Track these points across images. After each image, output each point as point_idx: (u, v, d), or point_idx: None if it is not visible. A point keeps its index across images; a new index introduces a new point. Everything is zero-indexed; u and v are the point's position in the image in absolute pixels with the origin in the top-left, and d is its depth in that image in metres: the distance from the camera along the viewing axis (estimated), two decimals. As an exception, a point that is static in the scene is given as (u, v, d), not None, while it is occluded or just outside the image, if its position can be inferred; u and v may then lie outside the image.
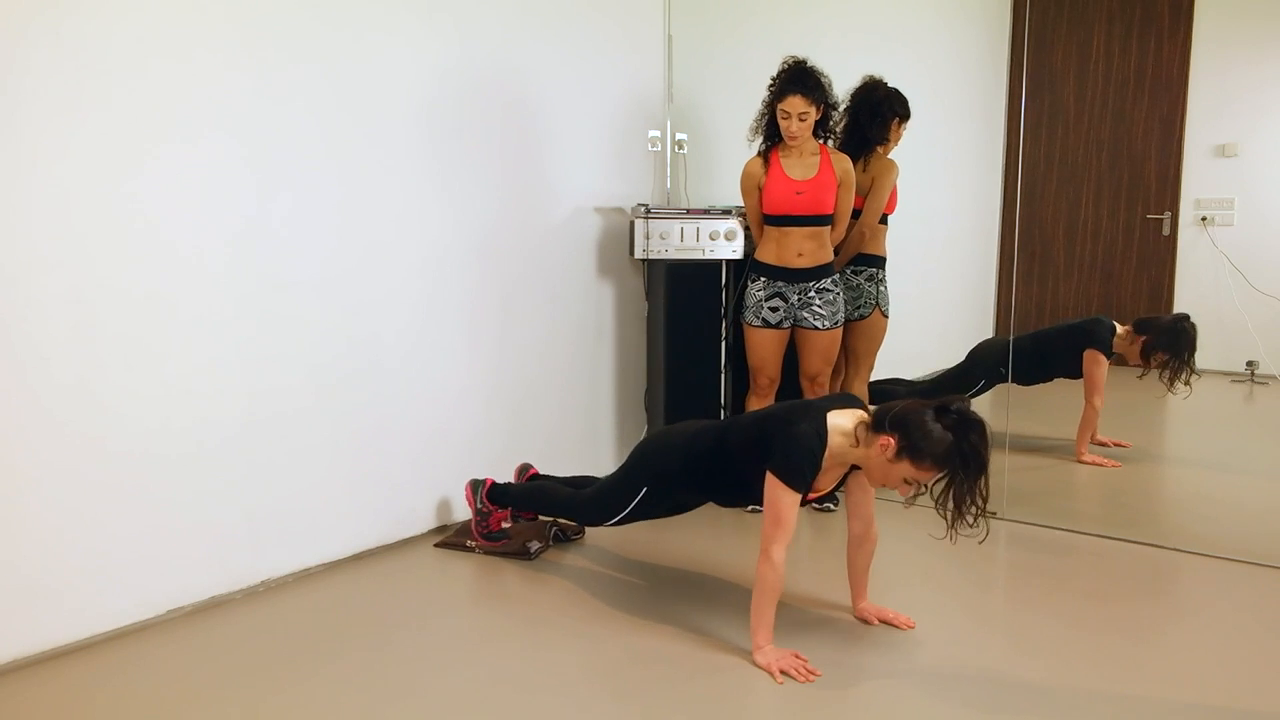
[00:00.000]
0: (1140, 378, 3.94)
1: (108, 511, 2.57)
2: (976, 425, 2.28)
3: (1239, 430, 4.16)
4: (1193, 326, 3.94)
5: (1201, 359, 4.04)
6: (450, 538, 3.34)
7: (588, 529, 3.40)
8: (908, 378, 4.31)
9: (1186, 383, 3.87)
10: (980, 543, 2.32)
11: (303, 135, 2.93)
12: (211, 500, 2.79)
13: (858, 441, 2.41)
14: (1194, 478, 4.14)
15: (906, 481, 2.37)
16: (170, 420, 2.68)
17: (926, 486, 2.37)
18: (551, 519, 3.32)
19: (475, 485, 3.29)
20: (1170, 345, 3.94)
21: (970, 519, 2.29)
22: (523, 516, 3.37)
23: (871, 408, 2.49)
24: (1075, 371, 4.09)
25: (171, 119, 2.62)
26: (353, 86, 3.05)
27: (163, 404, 2.66)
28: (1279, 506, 3.69)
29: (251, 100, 2.80)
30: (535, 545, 3.22)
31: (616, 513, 2.87)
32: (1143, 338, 4.01)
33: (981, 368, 4.18)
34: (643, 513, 2.87)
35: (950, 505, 2.30)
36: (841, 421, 2.45)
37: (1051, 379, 4.14)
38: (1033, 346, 4.06)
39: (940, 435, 2.27)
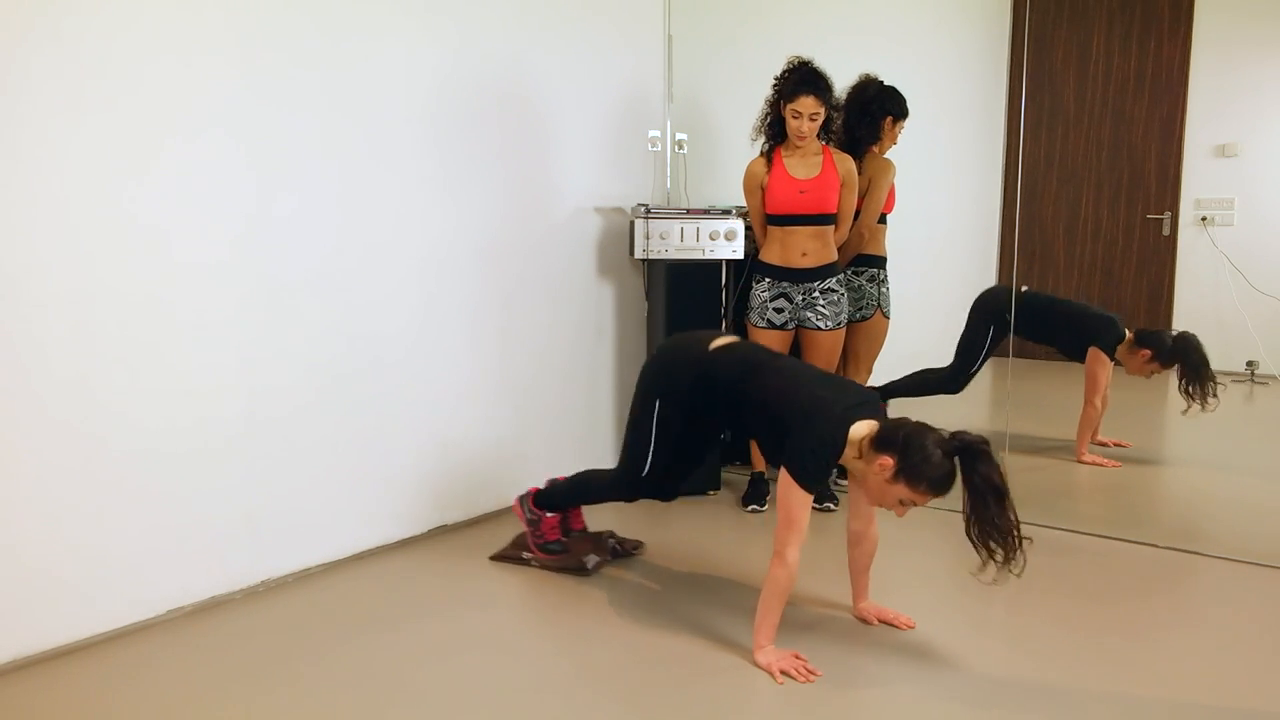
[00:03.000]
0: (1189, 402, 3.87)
1: (108, 511, 2.57)
2: (983, 455, 2.24)
3: (1239, 430, 4.16)
4: (1196, 340, 3.91)
5: (1201, 359, 4.04)
6: (506, 550, 3.20)
7: (647, 543, 3.29)
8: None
9: (1215, 395, 3.82)
10: (1018, 575, 2.25)
11: (303, 135, 2.93)
12: (211, 500, 2.79)
13: (860, 454, 2.41)
14: (1194, 478, 4.14)
15: (901, 502, 2.36)
16: (170, 420, 2.68)
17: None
18: (609, 532, 3.23)
19: (521, 498, 3.17)
20: (1184, 363, 3.89)
21: (1014, 548, 2.23)
22: (573, 528, 3.23)
23: (880, 422, 2.43)
24: (1073, 354, 4.09)
25: (172, 119, 2.62)
26: (353, 87, 3.05)
27: (163, 404, 2.66)
28: (1279, 506, 3.69)
29: (252, 101, 2.80)
30: (593, 560, 3.07)
31: (645, 453, 2.80)
32: (1144, 351, 3.99)
33: (988, 315, 4.14)
34: (666, 442, 2.77)
35: (990, 545, 2.24)
36: (856, 432, 2.42)
37: (1051, 345, 4.11)
38: (1045, 308, 4.03)
39: (939, 461, 2.27)
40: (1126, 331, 4.04)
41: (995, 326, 4.08)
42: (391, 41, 3.15)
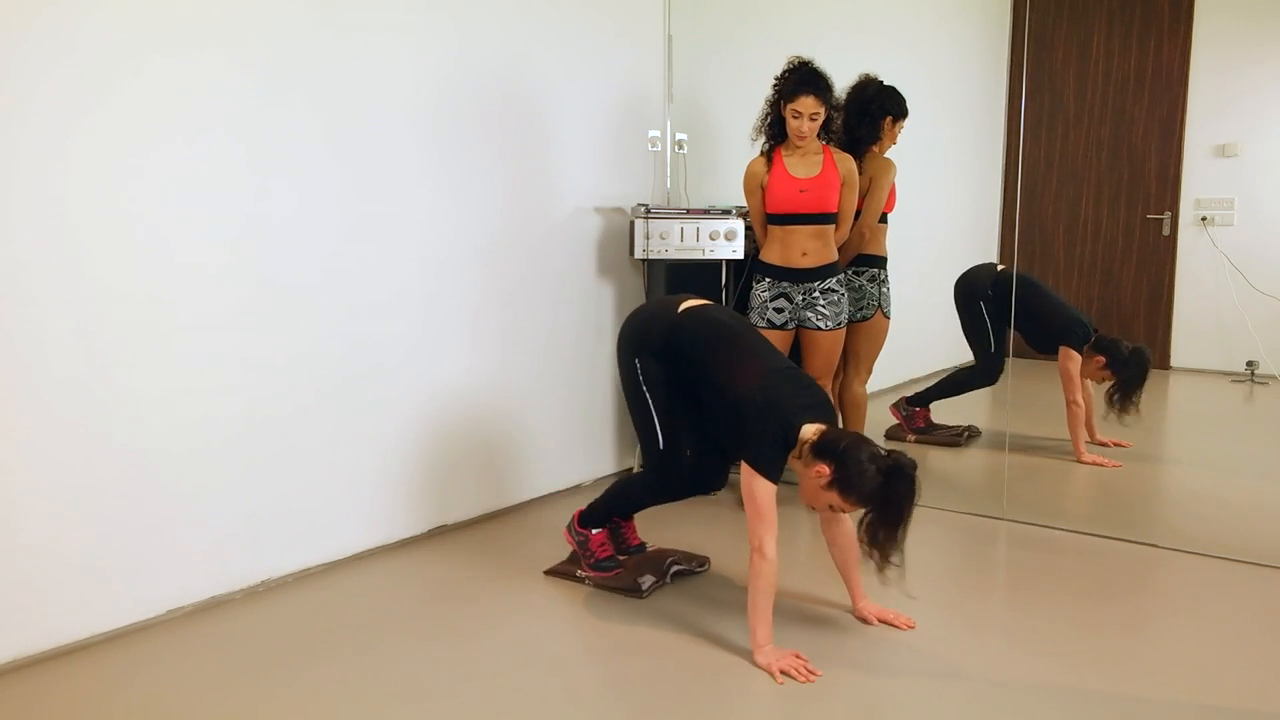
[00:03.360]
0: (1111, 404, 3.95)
1: (108, 511, 2.58)
2: (906, 478, 2.34)
3: (1239, 430, 4.16)
4: (1148, 361, 3.98)
5: (1201, 359, 4.04)
6: (561, 565, 3.10)
7: (712, 560, 3.16)
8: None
9: (1135, 411, 3.91)
10: (882, 584, 2.44)
11: (303, 135, 2.93)
12: (212, 500, 2.79)
13: (800, 455, 2.47)
14: (1193, 478, 4.14)
15: (831, 507, 2.48)
16: (171, 420, 2.68)
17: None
18: (670, 553, 3.09)
19: (569, 525, 3.08)
20: (1124, 376, 3.96)
21: (883, 561, 2.37)
22: (630, 544, 3.12)
23: (824, 428, 2.49)
24: (1038, 345, 4.12)
25: (171, 119, 2.62)
26: (352, 87, 3.05)
27: (163, 404, 2.66)
28: (1278, 506, 3.69)
29: (252, 100, 2.80)
30: (649, 581, 2.92)
31: (652, 423, 2.79)
32: (1099, 357, 4.02)
33: (971, 295, 4.18)
34: (665, 402, 2.78)
35: (868, 543, 2.38)
36: (804, 433, 2.48)
37: (1020, 331, 4.13)
38: (1023, 294, 4.04)
39: (872, 476, 2.35)
40: (1094, 333, 4.06)
41: (984, 302, 4.11)
42: (391, 41, 3.15)
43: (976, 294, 4.15)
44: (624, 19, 4.03)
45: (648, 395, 2.80)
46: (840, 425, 2.58)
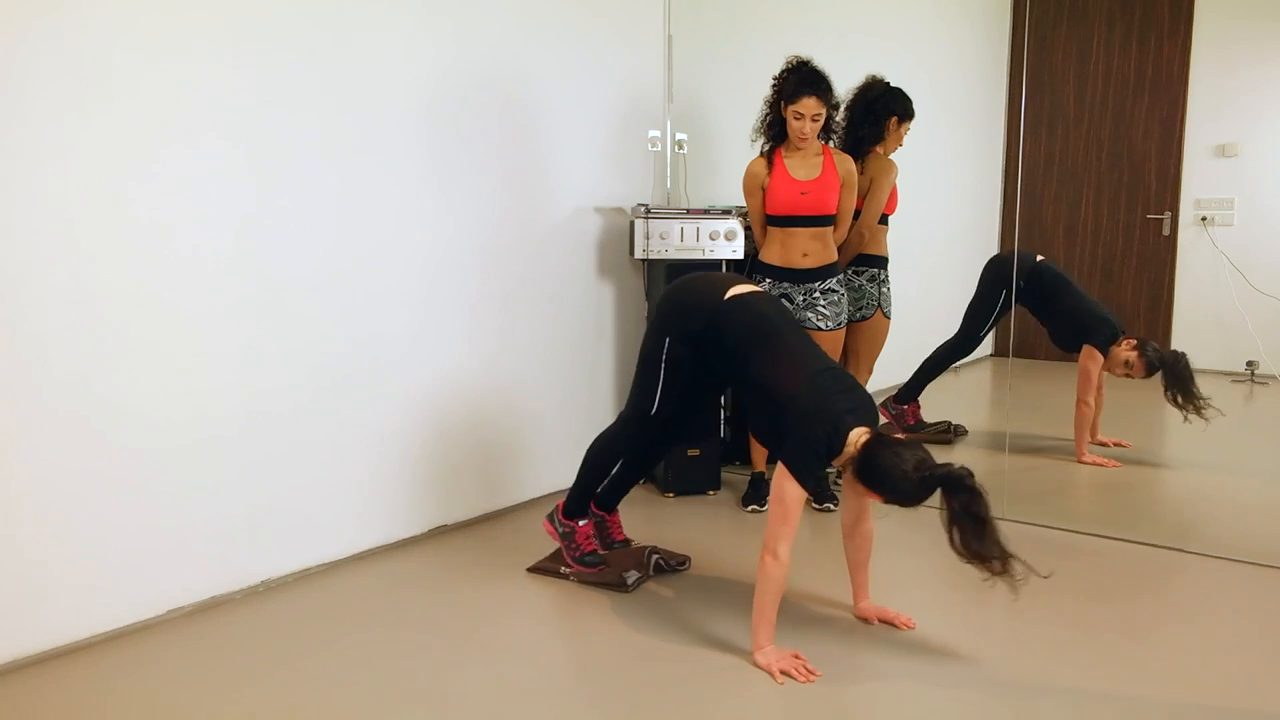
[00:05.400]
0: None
1: (108, 511, 2.57)
2: (962, 488, 2.28)
3: (1239, 430, 4.16)
4: (1186, 360, 3.92)
5: (1201, 359, 4.04)
6: (543, 562, 3.10)
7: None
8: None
9: (1201, 412, 3.83)
10: (1017, 590, 2.31)
11: (302, 136, 2.93)
12: (212, 500, 2.79)
13: (845, 468, 2.48)
14: (1194, 478, 4.14)
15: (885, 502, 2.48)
16: (170, 420, 2.68)
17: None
18: (653, 547, 3.11)
19: (550, 515, 3.10)
20: (1170, 375, 3.91)
21: (996, 569, 2.27)
22: (615, 539, 3.17)
23: (868, 441, 2.45)
24: (1062, 343, 4.09)
25: (172, 120, 2.62)
26: (352, 87, 3.05)
27: (163, 403, 2.66)
28: (1279, 506, 3.69)
29: (251, 101, 2.80)
30: (633, 576, 2.94)
31: (654, 390, 2.80)
32: (1133, 353, 3.99)
33: (1002, 280, 4.13)
34: (674, 383, 2.78)
35: (967, 559, 2.30)
36: (853, 439, 2.44)
37: (1046, 325, 4.11)
38: (1053, 287, 4.01)
39: (926, 490, 2.34)
40: (1123, 334, 4.04)
41: (1008, 291, 4.08)
42: (391, 41, 3.15)
43: (1005, 282, 4.10)
44: (623, 19, 4.03)
45: (662, 371, 2.78)
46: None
